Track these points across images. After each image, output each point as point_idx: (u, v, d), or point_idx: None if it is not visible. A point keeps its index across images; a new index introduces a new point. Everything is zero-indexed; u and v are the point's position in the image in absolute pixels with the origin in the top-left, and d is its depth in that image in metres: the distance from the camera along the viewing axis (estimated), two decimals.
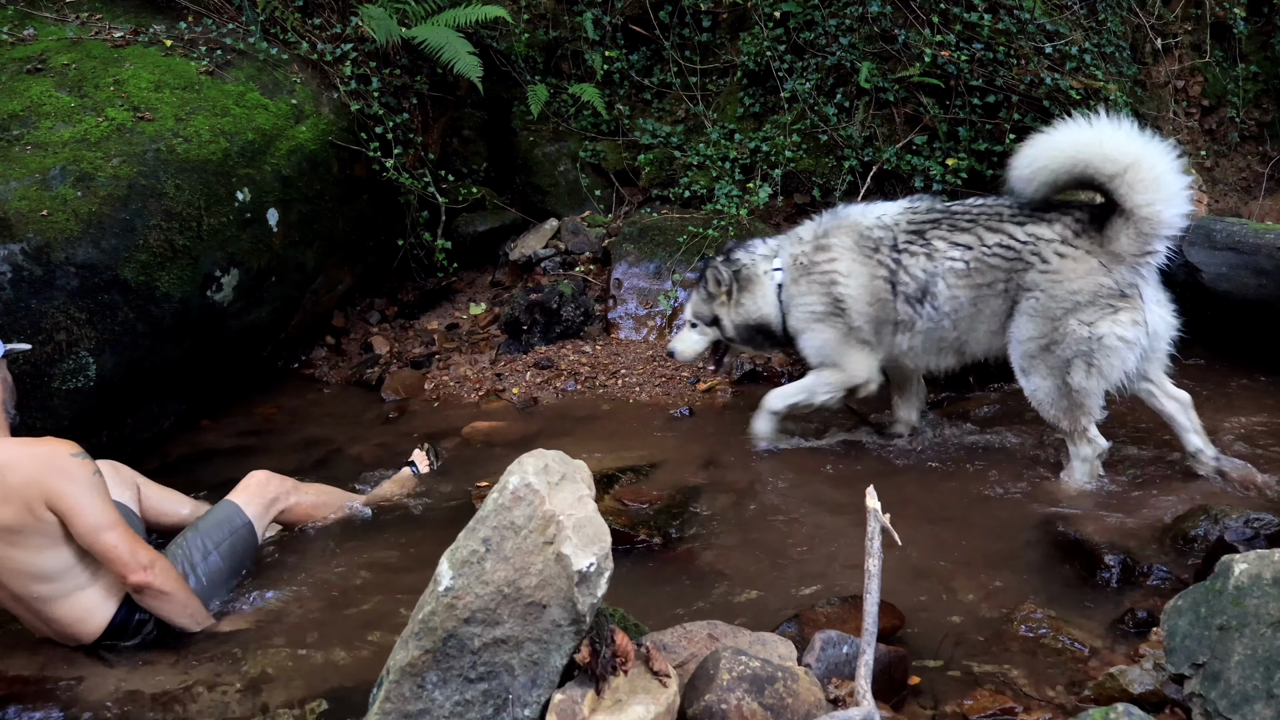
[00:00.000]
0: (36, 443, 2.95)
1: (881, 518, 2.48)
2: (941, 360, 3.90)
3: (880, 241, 3.79)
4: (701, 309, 4.14)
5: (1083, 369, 3.54)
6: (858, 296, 3.81)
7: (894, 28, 5.58)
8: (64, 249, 3.99)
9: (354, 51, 5.30)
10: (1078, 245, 3.52)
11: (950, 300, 3.70)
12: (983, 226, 3.69)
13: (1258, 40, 5.97)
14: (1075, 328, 3.51)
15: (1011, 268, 3.61)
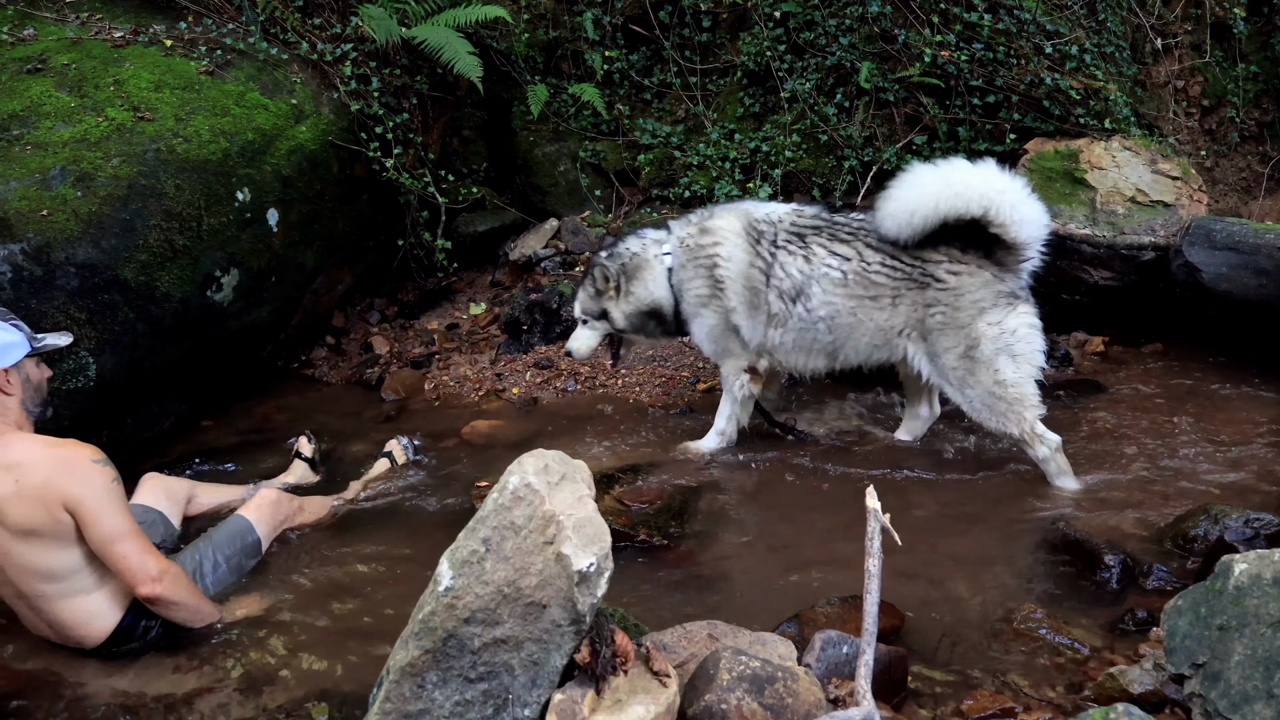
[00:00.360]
0: (59, 444, 2.96)
1: (881, 518, 2.48)
2: (810, 361, 4.03)
3: (763, 234, 3.94)
4: (589, 305, 4.21)
5: (1009, 362, 3.69)
6: (734, 279, 3.94)
7: (894, 28, 5.57)
8: (64, 249, 3.99)
9: (354, 51, 5.30)
10: (967, 262, 3.72)
11: (826, 306, 3.84)
12: (862, 242, 3.84)
13: (1258, 40, 5.96)
14: (986, 329, 3.68)
15: (902, 286, 3.76)
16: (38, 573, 2.92)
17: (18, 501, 2.85)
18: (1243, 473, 3.72)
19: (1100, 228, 4.97)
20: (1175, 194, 5.12)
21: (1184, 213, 5.02)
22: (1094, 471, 3.80)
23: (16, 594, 2.99)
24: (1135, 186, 5.14)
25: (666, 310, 4.12)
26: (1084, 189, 5.17)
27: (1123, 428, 4.14)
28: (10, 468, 2.87)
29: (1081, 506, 3.55)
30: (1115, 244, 4.92)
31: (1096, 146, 5.31)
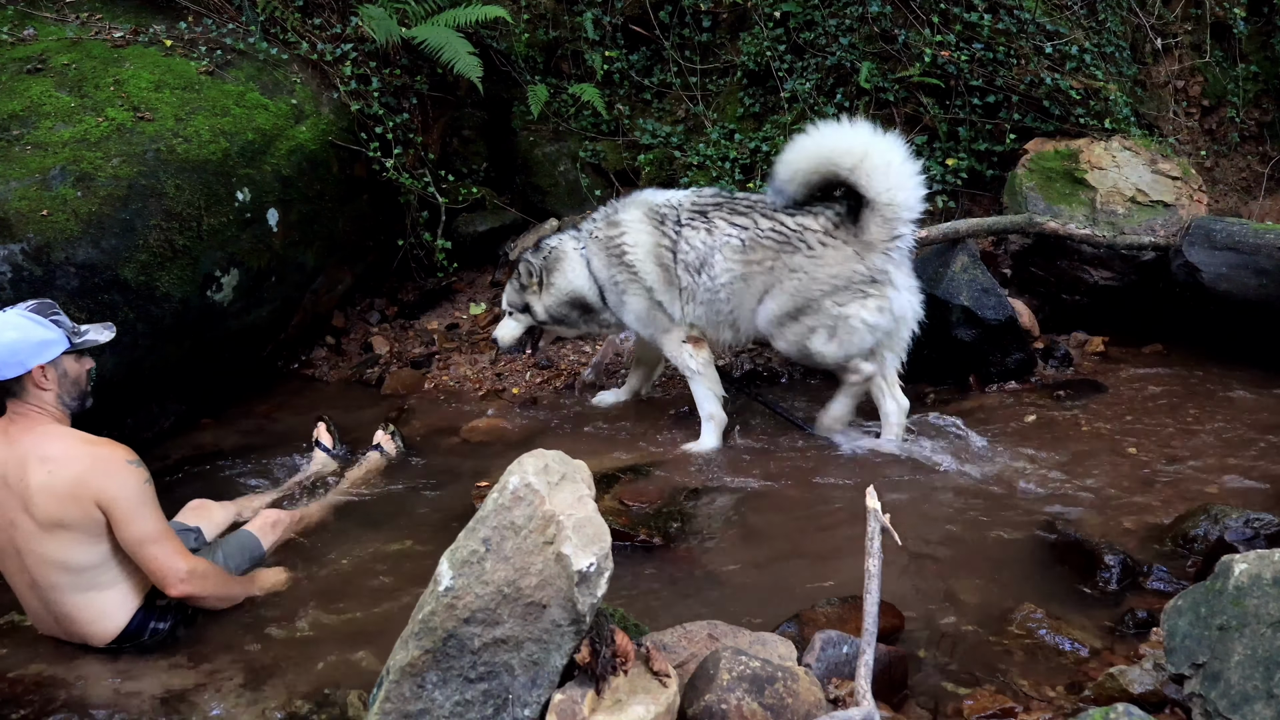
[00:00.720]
0: (95, 442, 2.99)
1: (881, 518, 2.49)
2: (721, 334, 4.27)
3: (666, 216, 4.20)
4: (514, 298, 4.46)
5: (824, 336, 4.02)
6: (644, 260, 4.18)
7: (894, 28, 5.57)
8: (64, 249, 3.99)
9: (354, 51, 5.30)
10: (837, 236, 3.97)
11: (726, 272, 4.09)
12: (758, 212, 4.11)
13: (1258, 40, 5.96)
14: (829, 306, 3.98)
15: (780, 249, 4.03)
16: (57, 564, 2.93)
17: (49, 494, 2.88)
18: (1243, 473, 3.72)
19: (1100, 228, 4.98)
20: (1175, 194, 5.13)
21: (1184, 213, 5.02)
22: (1094, 471, 3.80)
23: (30, 584, 3.00)
24: (1135, 186, 5.14)
25: (590, 300, 4.34)
26: (1084, 189, 5.17)
27: (1123, 428, 4.14)
28: (44, 460, 2.90)
29: (1082, 506, 3.54)
30: (1115, 244, 4.92)
31: (1096, 146, 5.31)
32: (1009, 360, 4.64)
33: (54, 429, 2.99)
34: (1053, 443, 4.06)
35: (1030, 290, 5.24)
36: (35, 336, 2.98)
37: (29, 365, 2.96)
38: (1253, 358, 4.59)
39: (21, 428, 2.97)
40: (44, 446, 2.93)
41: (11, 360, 2.93)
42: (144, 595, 3.06)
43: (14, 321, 2.97)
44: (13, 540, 2.96)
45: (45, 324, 3.02)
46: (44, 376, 2.99)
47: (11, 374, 2.94)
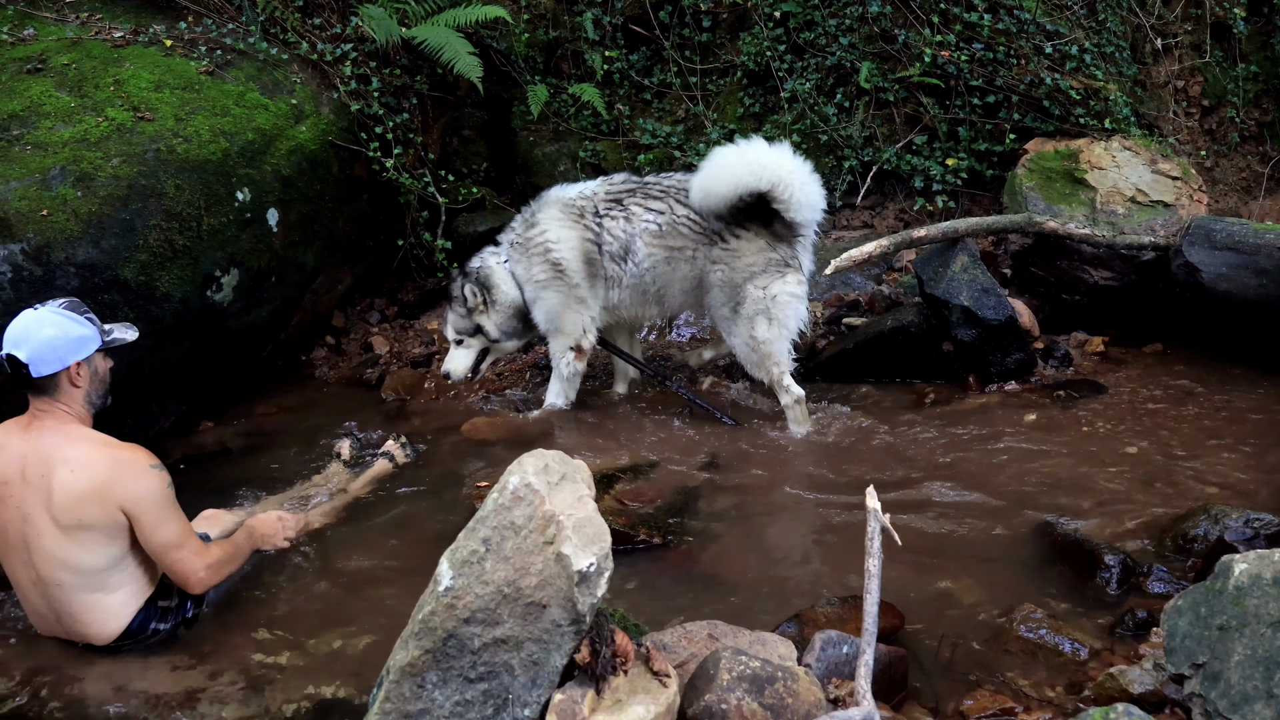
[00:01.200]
0: (118, 445, 3.00)
1: (881, 518, 2.49)
2: (647, 310, 4.54)
3: (584, 209, 4.36)
4: (463, 324, 4.53)
5: (764, 323, 4.24)
6: (572, 257, 4.34)
7: (894, 28, 5.58)
8: (64, 249, 3.99)
9: (354, 51, 5.30)
10: (749, 228, 4.21)
11: (648, 257, 4.33)
12: (673, 198, 4.32)
13: (1258, 40, 5.97)
14: (753, 291, 4.22)
15: (698, 240, 4.28)
16: (66, 563, 2.94)
17: (72, 495, 2.89)
18: (1243, 473, 3.72)
19: (1100, 228, 4.97)
20: (1175, 194, 5.13)
21: (1184, 213, 5.02)
22: (1094, 471, 3.80)
23: (35, 580, 3.00)
24: (1135, 186, 5.14)
25: (522, 304, 4.48)
26: (1084, 189, 5.17)
27: (1122, 428, 4.14)
28: (66, 461, 2.91)
29: (1082, 506, 3.54)
30: (1115, 244, 4.92)
31: (1096, 146, 5.31)
32: (1009, 360, 4.64)
33: (76, 429, 3.00)
34: (1053, 443, 4.06)
35: (1030, 290, 5.24)
36: (73, 333, 3.01)
37: (67, 362, 2.98)
38: (1253, 358, 4.59)
39: (44, 426, 2.98)
40: (66, 447, 2.94)
41: (50, 356, 2.95)
42: (147, 597, 3.07)
43: (51, 318, 2.99)
44: (23, 535, 2.96)
45: (81, 321, 3.05)
46: (78, 373, 3.01)
47: (50, 370, 2.95)
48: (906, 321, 4.71)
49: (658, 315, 4.66)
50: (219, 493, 3.88)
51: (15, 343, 2.93)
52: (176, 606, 3.12)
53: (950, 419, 4.37)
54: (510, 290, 4.46)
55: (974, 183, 5.69)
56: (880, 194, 5.91)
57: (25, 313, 3.00)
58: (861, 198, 5.85)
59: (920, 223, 5.53)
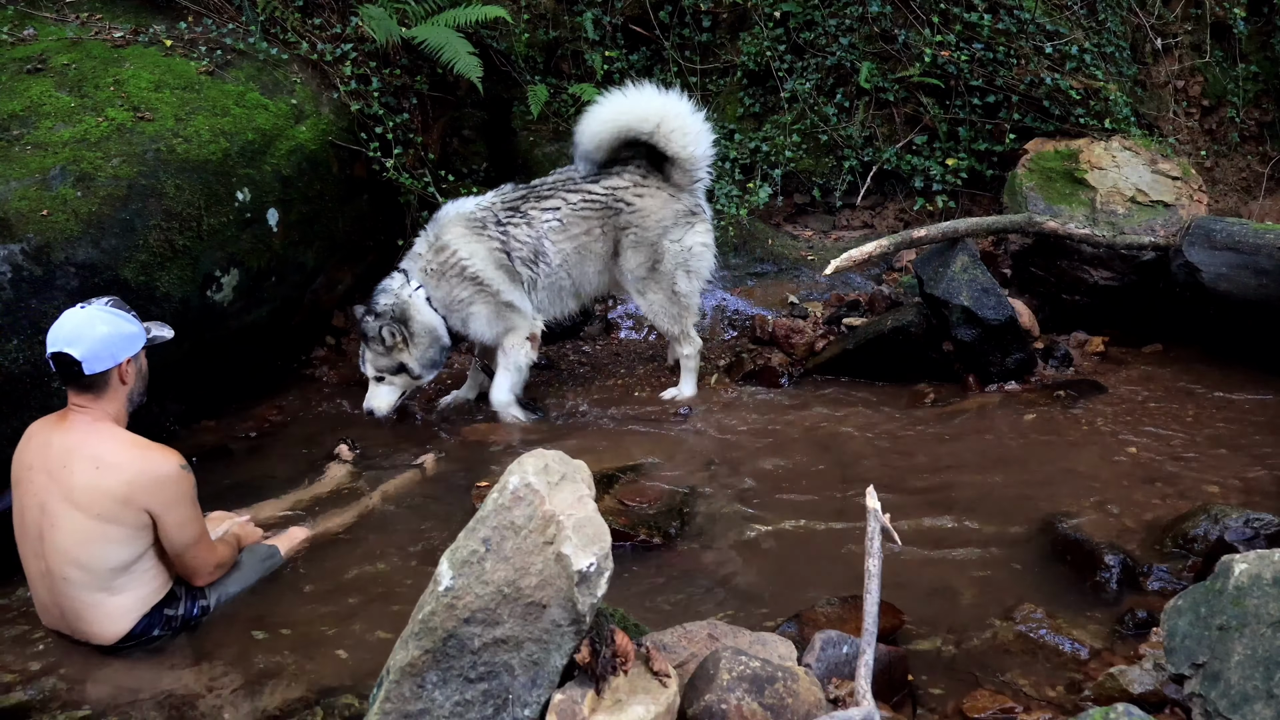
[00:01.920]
0: (148, 445, 3.02)
1: (881, 518, 2.49)
2: (564, 307, 4.65)
3: (485, 220, 4.43)
4: (385, 363, 4.44)
5: (684, 276, 4.50)
6: (487, 268, 4.40)
7: (894, 28, 5.58)
8: (64, 249, 3.99)
9: (354, 51, 5.29)
10: (649, 185, 4.42)
11: (558, 254, 4.46)
12: (563, 191, 4.47)
13: (1258, 40, 5.97)
14: (669, 245, 4.45)
15: (603, 215, 4.43)
16: (77, 560, 2.94)
17: (99, 493, 2.90)
18: (1243, 473, 3.72)
19: (1100, 228, 4.97)
20: (1175, 194, 5.13)
21: (1184, 213, 5.02)
22: (1094, 471, 3.80)
23: (43, 572, 3.01)
24: (1135, 186, 5.14)
25: (442, 332, 4.49)
26: (1084, 189, 5.17)
27: (1122, 428, 4.14)
28: (94, 459, 2.92)
29: (1082, 506, 3.54)
30: (1115, 244, 4.92)
31: (1096, 146, 5.31)
32: (1009, 360, 4.64)
33: (107, 427, 3.01)
34: (1053, 443, 4.06)
35: (1030, 290, 5.24)
36: (125, 330, 3.04)
37: (119, 359, 3.01)
38: (1253, 358, 4.58)
39: (77, 422, 3.00)
40: (95, 444, 2.95)
41: (104, 354, 2.97)
42: (153, 604, 3.07)
43: (102, 316, 3.01)
44: (39, 525, 2.97)
45: (130, 318, 3.08)
46: (127, 370, 3.05)
47: (103, 367, 2.98)
48: (906, 321, 4.71)
49: (576, 308, 4.74)
50: (219, 492, 3.87)
51: (69, 341, 2.94)
52: (182, 614, 3.12)
53: (950, 419, 4.37)
54: (429, 318, 4.42)
55: (974, 183, 5.69)
56: (880, 194, 5.91)
57: (72, 311, 3.02)
58: (861, 198, 5.85)
59: (920, 223, 5.53)
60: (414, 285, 4.43)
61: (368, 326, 4.40)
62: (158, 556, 3.07)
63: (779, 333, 5.09)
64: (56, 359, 2.95)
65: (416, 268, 4.46)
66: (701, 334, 5.30)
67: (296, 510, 3.87)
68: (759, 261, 5.55)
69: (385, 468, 4.23)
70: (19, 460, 3.06)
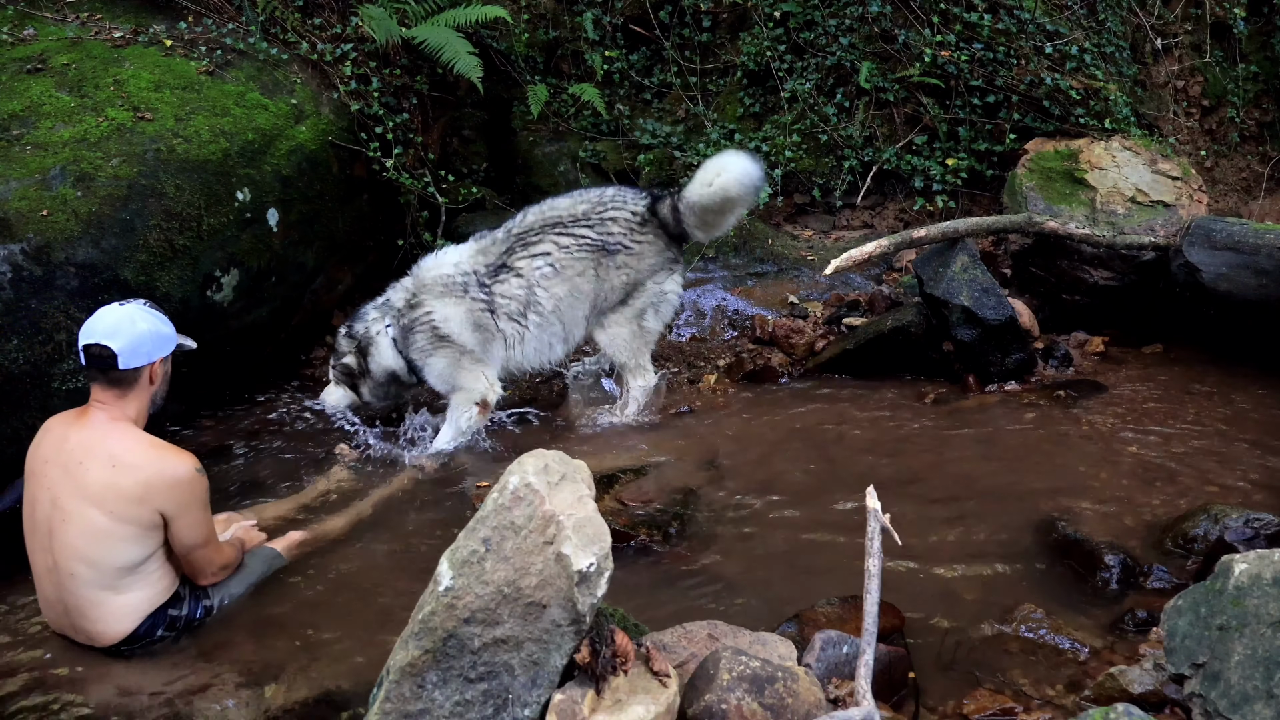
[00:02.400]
0: (164, 447, 3.03)
1: (881, 518, 2.49)
2: (552, 353, 4.59)
3: (466, 285, 4.39)
4: (340, 378, 4.53)
5: (652, 314, 4.58)
6: (460, 330, 4.36)
7: (894, 28, 5.58)
8: (64, 249, 3.99)
9: (354, 51, 5.30)
10: (646, 234, 4.48)
11: (550, 299, 4.44)
12: (552, 235, 4.45)
13: (1258, 40, 5.97)
14: (651, 285, 4.53)
15: (598, 255, 4.45)
16: (85, 556, 2.94)
17: (114, 491, 2.91)
18: (1243, 473, 3.72)
19: (1100, 228, 4.97)
20: (1175, 194, 5.13)
21: (1184, 213, 5.02)
22: (1094, 471, 3.80)
23: (50, 567, 3.01)
24: (1135, 186, 5.14)
25: (402, 374, 4.45)
26: (1084, 189, 5.17)
27: (1123, 428, 4.14)
28: (111, 457, 2.94)
29: (1082, 506, 3.54)
30: (1115, 244, 4.92)
31: (1096, 146, 5.31)
32: (1009, 360, 4.64)
33: (125, 427, 3.02)
34: (1053, 443, 4.06)
35: (1030, 290, 5.24)
36: (162, 330, 3.09)
37: (154, 358, 3.05)
38: (1253, 358, 4.59)
39: (96, 419, 3.01)
40: (113, 443, 2.96)
41: (142, 350, 3.01)
42: (158, 606, 3.07)
43: (143, 314, 3.05)
44: (49, 519, 2.98)
45: (165, 320, 3.12)
46: (157, 371, 3.08)
47: (138, 363, 3.01)
48: (906, 321, 4.71)
49: (562, 354, 4.62)
50: (219, 492, 3.86)
51: (108, 334, 2.97)
52: (185, 615, 3.12)
53: (950, 419, 4.37)
54: (388, 360, 4.41)
55: (974, 183, 5.69)
56: (880, 194, 5.92)
57: (111, 308, 3.05)
58: (861, 198, 5.85)
59: (920, 223, 5.53)
60: (385, 324, 4.43)
61: (339, 344, 4.49)
62: (166, 558, 3.07)
63: (779, 333, 5.09)
64: (92, 351, 2.97)
65: (393, 308, 4.45)
66: (702, 334, 5.30)
67: (297, 511, 3.87)
68: (759, 261, 5.55)
69: (385, 468, 4.23)
70: (34, 454, 3.07)
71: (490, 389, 4.42)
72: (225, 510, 3.66)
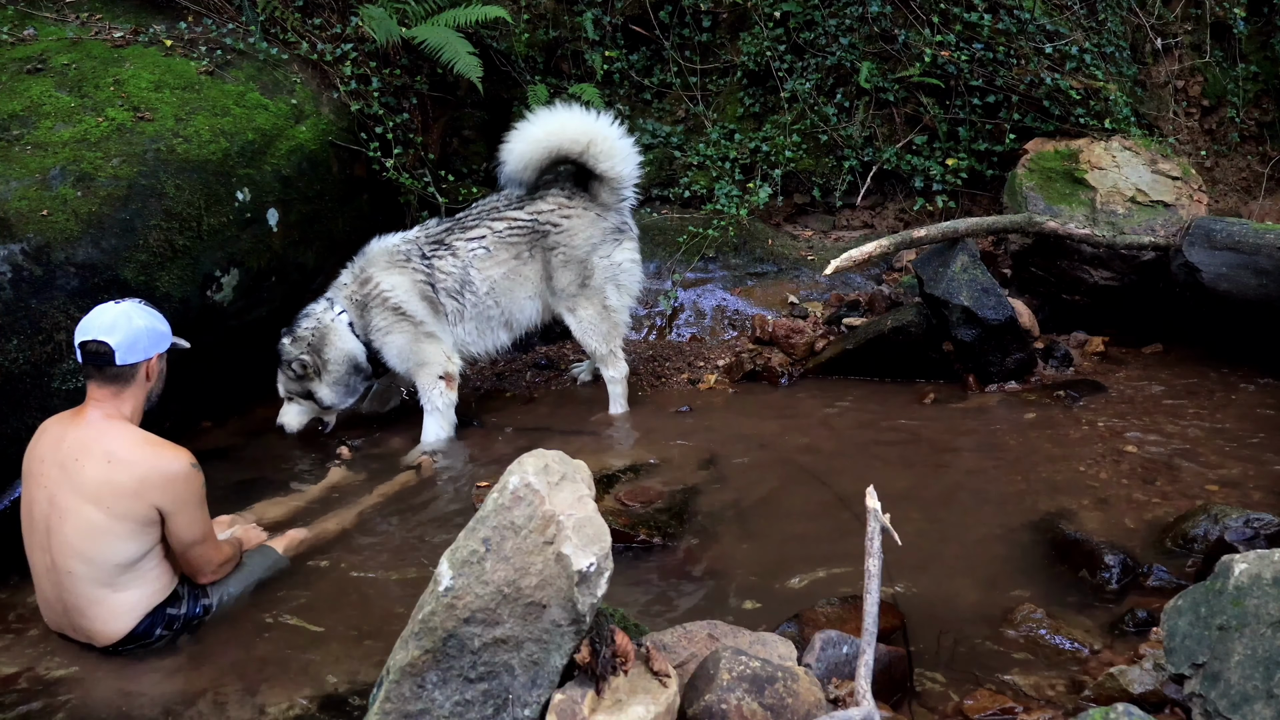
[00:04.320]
0: (159, 443, 3.03)
1: (881, 518, 2.49)
2: (495, 338, 4.61)
3: (409, 254, 4.45)
4: (294, 388, 4.44)
5: (614, 290, 4.54)
6: (409, 298, 4.40)
7: (894, 28, 5.58)
8: (64, 249, 3.99)
9: (354, 51, 5.30)
10: (575, 206, 4.48)
11: (485, 281, 4.46)
12: (488, 220, 4.51)
13: (1258, 40, 5.96)
14: (598, 262, 4.49)
15: (531, 239, 4.47)
16: (83, 554, 2.94)
17: (111, 488, 2.91)
18: (1243, 472, 3.72)
19: (1100, 228, 4.97)
20: (1175, 194, 5.13)
21: (1184, 213, 5.02)
22: (1094, 471, 3.80)
23: (49, 566, 3.01)
24: (1135, 186, 5.14)
25: (362, 359, 4.45)
26: (1084, 189, 5.17)
27: (1122, 428, 4.14)
28: (107, 454, 2.94)
29: (1081, 506, 3.54)
30: (1115, 244, 4.92)
31: (1096, 146, 5.31)
32: (1009, 360, 4.64)
33: (121, 424, 3.03)
34: (1053, 443, 4.06)
35: (1030, 290, 5.24)
36: (159, 327, 3.12)
37: (150, 353, 3.08)
38: (1252, 358, 4.59)
39: (91, 418, 3.02)
40: (108, 440, 2.97)
41: (139, 346, 3.04)
42: (156, 604, 3.07)
43: (140, 311, 3.08)
44: (47, 518, 2.98)
45: (162, 318, 3.15)
46: (153, 367, 3.10)
47: (136, 359, 3.03)
48: (906, 321, 4.71)
49: (507, 341, 4.65)
50: (218, 492, 3.86)
51: (106, 329, 3.00)
52: (184, 614, 3.12)
53: (950, 419, 4.37)
54: (348, 344, 4.40)
55: (974, 183, 5.69)
56: (880, 194, 5.92)
57: (107, 306, 3.07)
58: (861, 198, 5.85)
59: (920, 223, 5.53)
60: (337, 310, 4.43)
61: (284, 350, 4.40)
62: (163, 555, 3.08)
63: (779, 333, 5.09)
64: (89, 348, 2.99)
65: (341, 295, 4.46)
66: (701, 334, 5.30)
67: (296, 511, 3.87)
68: (759, 261, 5.55)
69: (384, 468, 4.24)
70: (31, 453, 3.07)
71: (449, 361, 4.48)
72: (225, 511, 3.65)
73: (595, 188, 4.47)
